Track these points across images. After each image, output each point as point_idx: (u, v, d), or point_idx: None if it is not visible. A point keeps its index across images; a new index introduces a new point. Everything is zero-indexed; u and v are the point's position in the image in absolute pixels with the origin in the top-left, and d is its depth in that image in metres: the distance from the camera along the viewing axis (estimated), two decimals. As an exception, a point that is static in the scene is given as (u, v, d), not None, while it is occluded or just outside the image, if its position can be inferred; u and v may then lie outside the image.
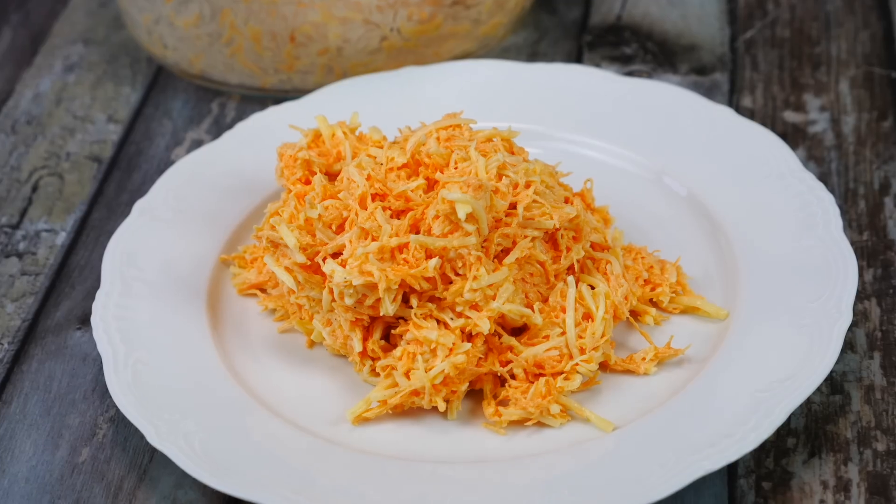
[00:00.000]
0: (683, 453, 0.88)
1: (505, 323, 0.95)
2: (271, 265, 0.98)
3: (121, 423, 0.96)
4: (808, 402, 0.95)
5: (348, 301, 0.93)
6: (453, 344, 0.93)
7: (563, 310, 0.96)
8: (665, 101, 1.13)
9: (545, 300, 0.97)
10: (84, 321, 1.04)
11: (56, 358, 1.02)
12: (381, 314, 0.94)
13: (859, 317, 1.00)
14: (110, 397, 0.98)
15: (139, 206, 1.07)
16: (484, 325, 0.93)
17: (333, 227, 0.96)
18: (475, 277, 0.92)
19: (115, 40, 1.33)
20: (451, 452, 0.92)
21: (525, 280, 0.96)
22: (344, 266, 0.93)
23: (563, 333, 0.95)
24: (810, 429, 0.93)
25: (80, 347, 1.02)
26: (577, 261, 0.97)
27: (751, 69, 1.24)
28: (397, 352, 0.95)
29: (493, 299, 0.93)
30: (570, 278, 0.96)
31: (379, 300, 0.93)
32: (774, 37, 1.28)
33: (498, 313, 0.93)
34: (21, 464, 0.94)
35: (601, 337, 0.95)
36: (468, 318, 0.93)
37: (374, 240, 0.93)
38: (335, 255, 0.95)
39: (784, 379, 0.91)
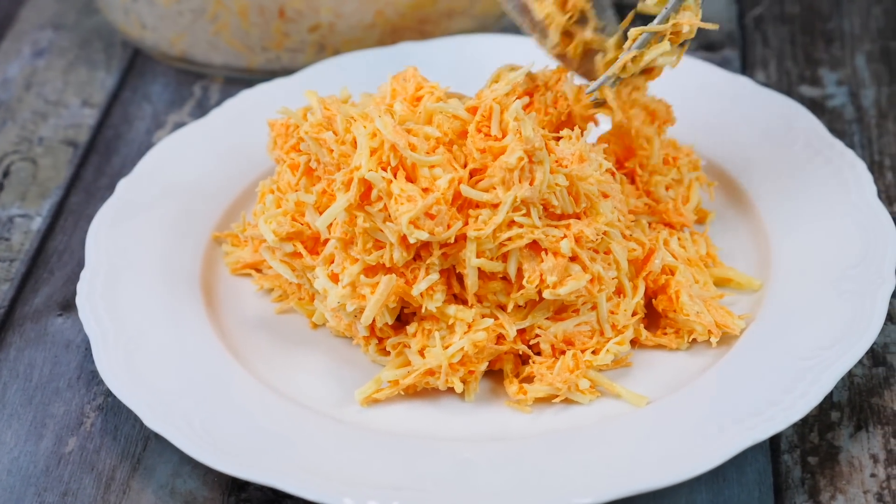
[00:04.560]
0: (727, 423, 0.81)
1: None
2: (270, 259, 0.91)
3: (110, 412, 0.89)
4: (850, 374, 0.89)
5: (346, 318, 0.88)
6: (472, 320, 0.86)
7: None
8: (680, 71, 1.07)
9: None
10: (65, 307, 0.97)
11: (36, 345, 0.94)
12: (379, 325, 0.88)
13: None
14: (97, 385, 0.91)
15: (123, 184, 1.00)
16: (511, 331, 0.87)
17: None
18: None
19: (86, 25, 1.26)
20: (472, 431, 0.85)
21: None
22: (335, 279, 0.86)
23: (594, 308, 0.88)
24: (854, 402, 0.88)
25: (63, 334, 0.95)
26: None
27: (762, 45, 1.19)
28: (411, 328, 0.88)
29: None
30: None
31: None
32: (784, 13, 1.23)
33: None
34: (1, 455, 0.86)
35: (633, 315, 0.89)
36: (496, 318, 0.87)
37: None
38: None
39: (829, 346, 0.85)
